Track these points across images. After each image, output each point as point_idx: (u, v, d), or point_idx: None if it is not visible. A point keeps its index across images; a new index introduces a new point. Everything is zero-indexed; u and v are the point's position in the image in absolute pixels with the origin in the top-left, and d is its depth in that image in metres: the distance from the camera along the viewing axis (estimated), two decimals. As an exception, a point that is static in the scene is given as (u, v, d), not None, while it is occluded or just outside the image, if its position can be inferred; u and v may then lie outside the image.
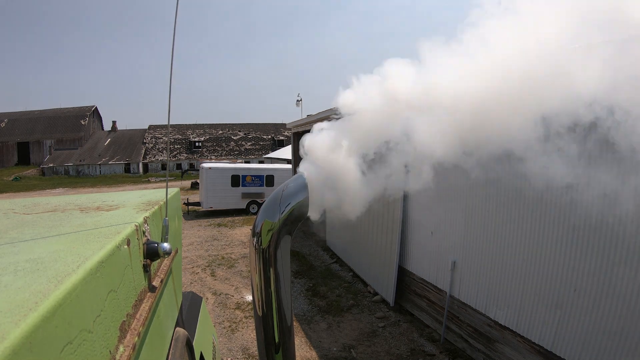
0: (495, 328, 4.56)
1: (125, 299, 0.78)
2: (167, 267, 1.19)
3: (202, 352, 1.88)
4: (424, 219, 6.01)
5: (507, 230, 4.35)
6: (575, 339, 3.53)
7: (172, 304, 1.33)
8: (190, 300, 2.46)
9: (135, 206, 1.27)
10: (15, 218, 1.16)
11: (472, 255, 4.93)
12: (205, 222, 14.81)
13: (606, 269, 3.26)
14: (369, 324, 6.17)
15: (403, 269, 6.56)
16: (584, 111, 1.29)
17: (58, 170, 43.95)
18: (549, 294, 3.81)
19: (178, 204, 1.74)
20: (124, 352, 0.70)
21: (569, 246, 3.61)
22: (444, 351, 5.25)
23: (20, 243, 0.83)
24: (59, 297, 0.51)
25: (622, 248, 3.14)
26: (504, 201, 4.38)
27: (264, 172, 17.14)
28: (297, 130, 13.75)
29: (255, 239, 0.78)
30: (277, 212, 0.78)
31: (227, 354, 5.34)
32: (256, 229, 0.79)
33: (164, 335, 1.11)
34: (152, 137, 49.61)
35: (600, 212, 3.31)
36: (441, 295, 5.56)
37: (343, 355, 5.30)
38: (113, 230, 0.91)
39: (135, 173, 44.82)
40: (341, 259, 9.34)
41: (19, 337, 0.41)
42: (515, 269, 4.24)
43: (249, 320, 6.31)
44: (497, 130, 1.37)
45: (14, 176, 39.65)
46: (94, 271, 0.65)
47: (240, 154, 49.16)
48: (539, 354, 3.93)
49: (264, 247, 0.77)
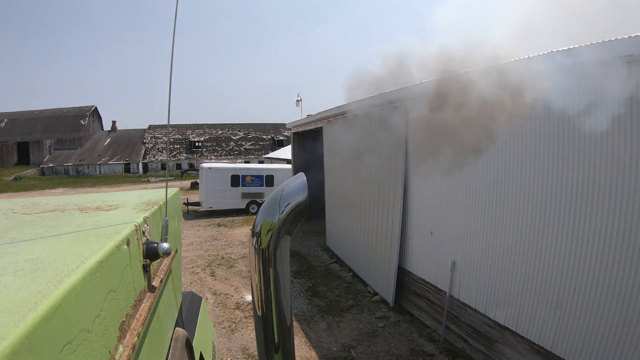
0: (495, 328, 4.56)
1: (125, 299, 0.78)
2: (166, 267, 1.19)
3: (202, 352, 1.88)
4: (423, 219, 6.01)
5: (507, 230, 4.36)
6: (575, 339, 3.53)
7: (171, 304, 1.33)
8: (190, 300, 2.46)
9: (135, 206, 1.27)
10: (14, 218, 1.16)
11: (472, 255, 4.93)
12: (205, 222, 14.81)
13: (606, 269, 3.26)
14: (369, 324, 6.17)
15: (403, 269, 6.56)
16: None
17: (58, 170, 43.92)
18: (548, 294, 3.81)
19: (178, 204, 1.74)
20: (123, 352, 0.70)
21: (569, 246, 3.61)
22: (444, 351, 5.25)
23: (19, 243, 0.83)
24: (58, 297, 0.51)
25: (623, 248, 3.14)
26: (504, 201, 4.38)
27: (264, 172, 17.15)
28: (297, 130, 13.74)
29: (255, 239, 0.78)
30: (277, 212, 0.78)
31: (227, 354, 5.34)
32: (255, 229, 0.79)
33: (163, 336, 1.11)
34: (152, 137, 49.59)
35: (600, 212, 3.32)
36: (441, 295, 5.56)
37: (343, 355, 5.30)
38: (113, 230, 0.91)
39: (135, 173, 44.80)
40: (341, 259, 9.34)
41: (18, 337, 0.41)
42: (515, 269, 4.25)
43: (248, 321, 6.31)
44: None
45: (13, 176, 39.63)
46: (94, 271, 0.65)
47: (240, 154, 49.14)
48: (538, 354, 3.93)
49: (263, 247, 0.77)
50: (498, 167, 4.47)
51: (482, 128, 4.06)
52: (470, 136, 4.39)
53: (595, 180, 3.35)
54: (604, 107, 3.13)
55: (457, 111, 4.35)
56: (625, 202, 3.10)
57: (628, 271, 3.09)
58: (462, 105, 4.25)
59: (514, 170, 4.24)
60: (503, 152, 4.38)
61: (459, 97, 4.56)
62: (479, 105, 4.17)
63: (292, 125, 14.20)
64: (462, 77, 4.68)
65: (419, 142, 5.61)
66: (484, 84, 4.16)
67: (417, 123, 5.27)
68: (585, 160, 3.43)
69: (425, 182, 5.89)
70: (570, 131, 3.57)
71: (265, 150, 47.70)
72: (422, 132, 5.09)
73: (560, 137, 3.66)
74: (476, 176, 4.81)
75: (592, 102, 3.25)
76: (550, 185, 3.79)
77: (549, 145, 3.79)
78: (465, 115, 4.13)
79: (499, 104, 3.74)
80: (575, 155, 3.52)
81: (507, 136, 4.31)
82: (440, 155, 4.94)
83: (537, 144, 3.92)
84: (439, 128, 4.37)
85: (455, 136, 4.61)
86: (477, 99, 4.20)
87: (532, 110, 3.94)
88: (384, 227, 7.03)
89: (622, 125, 3.12)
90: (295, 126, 13.70)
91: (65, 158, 45.07)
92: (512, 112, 3.64)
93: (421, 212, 6.08)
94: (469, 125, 4.35)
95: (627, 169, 3.09)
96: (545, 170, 3.85)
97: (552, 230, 3.78)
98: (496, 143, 4.46)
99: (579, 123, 3.48)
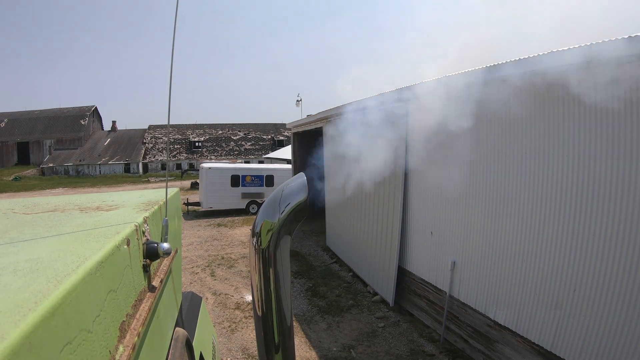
0: (495, 328, 4.56)
1: (125, 299, 0.78)
2: (166, 267, 1.19)
3: (202, 352, 1.88)
4: (423, 219, 6.01)
5: (507, 230, 4.36)
6: (575, 339, 3.53)
7: (171, 304, 1.33)
8: (190, 300, 2.46)
9: (135, 206, 1.27)
10: (15, 218, 1.16)
11: (472, 255, 4.93)
12: (205, 222, 14.81)
13: (606, 269, 3.26)
14: (369, 324, 6.17)
15: (403, 269, 6.56)
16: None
17: (58, 170, 43.91)
18: (548, 294, 3.81)
19: (178, 204, 1.74)
20: (123, 352, 0.70)
21: (569, 246, 3.61)
22: (444, 351, 5.25)
23: (19, 243, 0.83)
24: (58, 297, 0.51)
25: (623, 248, 3.14)
26: (504, 201, 4.38)
27: (264, 172, 17.14)
28: (297, 130, 13.74)
29: (255, 239, 0.78)
30: (277, 212, 0.78)
31: (227, 354, 5.34)
32: (255, 229, 0.78)
33: (163, 335, 1.11)
34: (152, 137, 49.58)
35: (600, 212, 3.32)
36: (441, 296, 5.56)
37: (343, 355, 5.30)
38: (113, 230, 0.90)
39: (135, 173, 44.79)
40: (341, 259, 9.34)
41: (18, 337, 0.41)
42: (515, 269, 4.24)
43: (248, 321, 6.31)
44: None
45: (13, 176, 39.62)
46: (94, 271, 0.65)
47: (240, 154, 49.14)
48: (538, 354, 3.93)
49: (263, 247, 0.77)
50: (498, 167, 4.47)
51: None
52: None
53: (595, 180, 3.35)
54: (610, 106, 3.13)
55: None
56: (625, 202, 3.10)
57: (628, 271, 3.09)
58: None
59: (514, 170, 4.24)
60: (503, 152, 4.38)
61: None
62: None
63: (292, 125, 14.20)
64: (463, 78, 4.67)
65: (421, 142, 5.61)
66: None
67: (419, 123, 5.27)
68: (585, 160, 3.43)
69: (425, 182, 5.89)
70: (570, 131, 3.57)
71: (265, 150, 47.70)
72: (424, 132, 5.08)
73: (561, 137, 3.66)
74: (476, 176, 4.81)
75: (595, 102, 3.25)
76: (550, 185, 3.79)
77: (549, 145, 3.79)
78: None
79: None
80: (576, 155, 3.52)
81: (507, 136, 4.31)
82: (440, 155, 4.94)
83: (537, 144, 3.92)
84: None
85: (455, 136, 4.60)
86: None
87: (532, 110, 3.94)
88: (384, 227, 7.03)
89: (622, 125, 3.12)
90: (295, 126, 13.70)
91: (65, 158, 45.06)
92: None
93: (421, 212, 6.08)
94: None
95: (627, 169, 3.09)
96: (545, 170, 3.85)
97: (552, 230, 3.77)
98: (496, 143, 4.46)
99: (579, 123, 3.48)
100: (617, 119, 3.14)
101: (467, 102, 4.54)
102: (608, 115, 3.19)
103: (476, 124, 4.58)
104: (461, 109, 4.57)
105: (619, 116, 3.12)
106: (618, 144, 3.15)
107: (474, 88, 4.47)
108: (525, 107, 3.95)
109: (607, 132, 3.23)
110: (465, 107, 4.54)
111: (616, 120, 3.14)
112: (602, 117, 3.24)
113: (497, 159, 4.48)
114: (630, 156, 3.06)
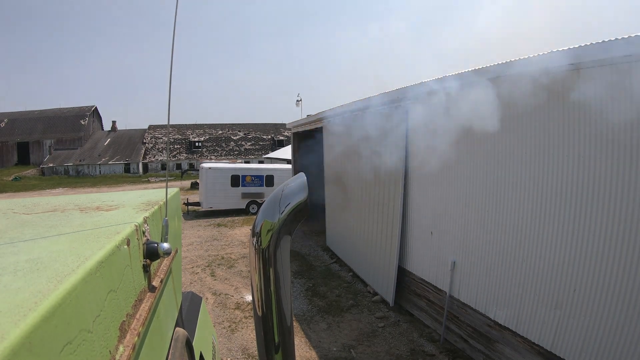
0: (495, 328, 4.56)
1: (125, 299, 0.78)
2: (166, 267, 1.19)
3: (202, 352, 1.88)
4: (423, 219, 6.01)
5: (507, 230, 4.36)
6: (575, 339, 3.53)
7: (171, 304, 1.33)
8: (190, 300, 2.46)
9: (135, 206, 1.26)
10: (14, 218, 1.16)
11: (471, 255, 4.93)
12: (205, 222, 14.81)
13: (606, 269, 3.26)
14: (369, 324, 6.17)
15: (403, 269, 6.56)
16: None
17: (58, 170, 43.91)
18: (548, 294, 3.81)
19: (178, 204, 1.74)
20: (123, 352, 0.70)
21: (569, 246, 3.61)
22: (444, 351, 5.25)
23: (19, 243, 0.83)
24: (58, 297, 0.51)
25: (623, 248, 3.14)
26: (504, 201, 4.38)
27: (264, 172, 17.14)
28: (297, 130, 13.74)
29: (255, 239, 0.78)
30: (277, 212, 0.78)
31: (227, 354, 5.34)
32: (255, 229, 0.78)
33: (163, 335, 1.11)
34: (152, 137, 49.58)
35: (600, 212, 3.32)
36: (441, 296, 5.56)
37: (343, 355, 5.30)
38: (113, 230, 0.90)
39: (135, 173, 44.79)
40: (341, 259, 9.34)
41: (18, 337, 0.41)
42: (515, 269, 4.24)
43: (248, 321, 6.31)
44: None
45: (13, 176, 39.61)
46: (94, 271, 0.65)
47: (240, 154, 49.14)
48: (538, 354, 3.93)
49: (263, 247, 0.77)
50: (498, 166, 4.47)
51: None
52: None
53: (595, 180, 3.35)
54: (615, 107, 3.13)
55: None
56: (625, 202, 3.10)
57: (628, 271, 3.09)
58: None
59: (514, 170, 4.24)
60: (503, 152, 4.38)
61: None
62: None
63: (292, 125, 14.20)
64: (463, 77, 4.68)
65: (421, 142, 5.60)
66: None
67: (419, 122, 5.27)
68: (585, 160, 3.43)
69: (426, 182, 5.90)
70: (570, 131, 3.57)
71: (265, 150, 47.69)
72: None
73: (561, 137, 3.66)
74: (476, 176, 4.81)
75: (598, 102, 3.25)
76: (550, 185, 3.79)
77: (549, 145, 3.79)
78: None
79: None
80: (576, 155, 3.52)
81: (507, 136, 4.31)
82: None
83: (538, 144, 3.92)
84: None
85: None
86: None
87: (532, 109, 3.94)
88: (384, 227, 7.03)
89: (622, 125, 3.12)
90: (295, 126, 13.70)
91: (65, 158, 45.06)
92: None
93: (421, 212, 6.08)
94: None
95: (627, 169, 3.09)
96: (545, 170, 3.85)
97: (552, 230, 3.77)
98: (496, 143, 4.46)
99: (579, 123, 3.48)
100: (617, 119, 3.14)
101: (467, 102, 4.54)
102: (608, 115, 3.19)
103: (476, 124, 4.58)
104: (461, 109, 4.58)
105: (619, 116, 3.12)
106: (618, 144, 3.15)
107: (473, 88, 4.47)
108: (525, 107, 3.95)
109: (607, 132, 3.23)
110: (465, 107, 4.54)
111: (616, 120, 3.14)
112: (602, 117, 3.24)
113: (497, 159, 4.47)
114: (630, 156, 3.06)
